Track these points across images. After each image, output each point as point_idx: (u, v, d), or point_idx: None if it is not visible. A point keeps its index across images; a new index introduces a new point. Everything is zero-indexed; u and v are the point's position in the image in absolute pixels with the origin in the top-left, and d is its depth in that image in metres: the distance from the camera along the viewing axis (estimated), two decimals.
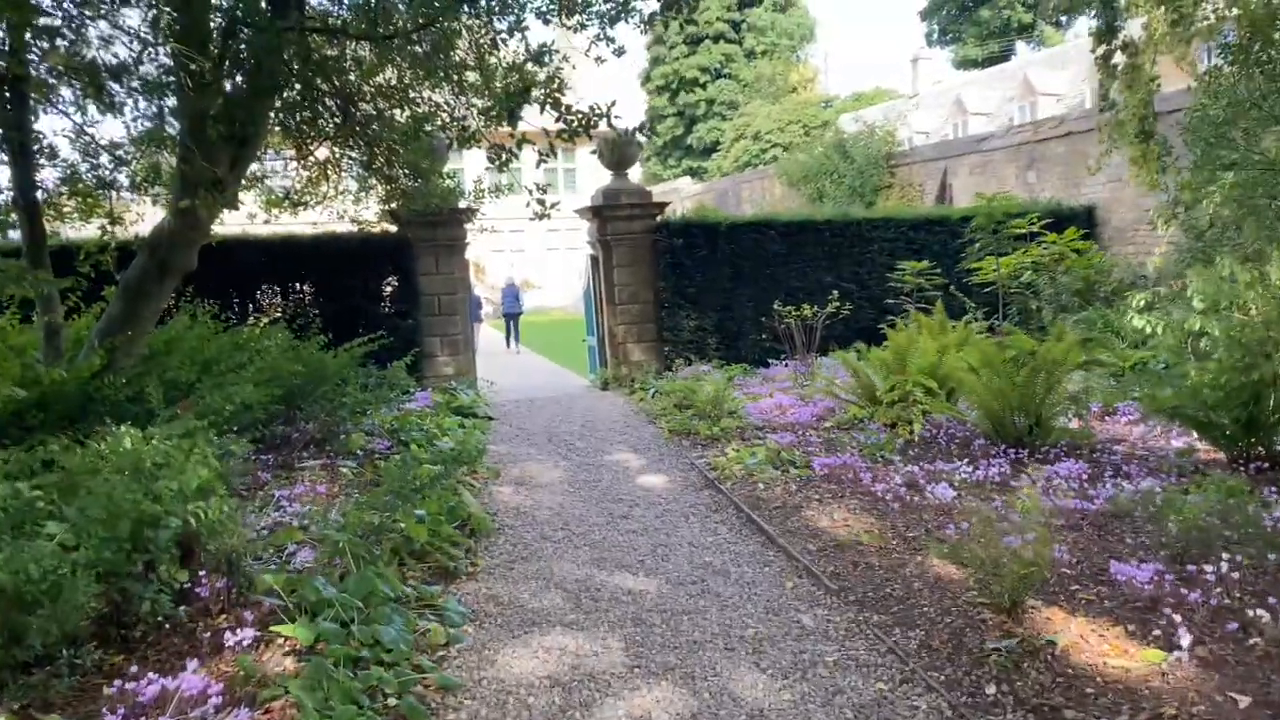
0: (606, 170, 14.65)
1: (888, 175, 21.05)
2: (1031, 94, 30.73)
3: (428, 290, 13.45)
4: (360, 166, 12.46)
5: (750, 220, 14.45)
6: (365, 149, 12.12)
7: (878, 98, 47.68)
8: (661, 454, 8.75)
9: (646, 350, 14.22)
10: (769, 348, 14.43)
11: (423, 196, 12.30)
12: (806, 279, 14.56)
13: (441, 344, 13.63)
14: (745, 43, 62.00)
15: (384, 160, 12.34)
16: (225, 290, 12.61)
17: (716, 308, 14.25)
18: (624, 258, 14.09)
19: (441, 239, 13.47)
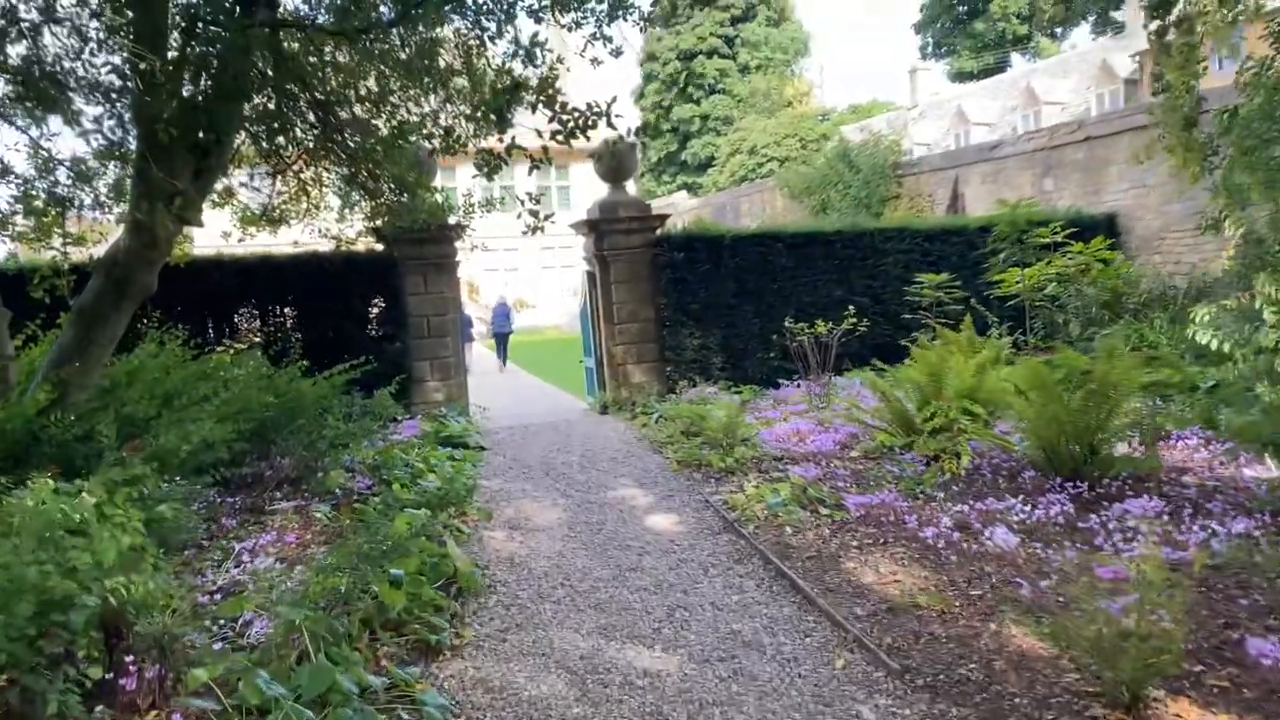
0: (603, 183, 13.89)
1: (895, 185, 20.32)
2: (1035, 103, 30.09)
3: (416, 311, 12.63)
4: (342, 180, 11.72)
5: (756, 233, 13.67)
6: (346, 161, 11.37)
7: (875, 110, 47.12)
8: (671, 489, 7.91)
9: (648, 371, 13.40)
10: (777, 367, 13.62)
11: (409, 212, 11.51)
12: (816, 294, 13.76)
13: (431, 368, 12.79)
14: (739, 57, 61.53)
15: (367, 174, 11.58)
16: (198, 314, 11.77)
17: (721, 325, 13.44)
18: (622, 274, 13.29)
19: (430, 257, 12.67)
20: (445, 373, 12.85)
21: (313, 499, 7.83)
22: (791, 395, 12.24)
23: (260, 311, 12.31)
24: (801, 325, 11.70)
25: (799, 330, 11.81)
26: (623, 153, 13.39)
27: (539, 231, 7.72)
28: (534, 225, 7.62)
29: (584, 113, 6.53)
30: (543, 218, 7.60)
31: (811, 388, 11.88)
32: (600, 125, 6.65)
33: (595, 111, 6.52)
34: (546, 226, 7.84)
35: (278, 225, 11.89)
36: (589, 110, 6.52)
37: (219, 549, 6.42)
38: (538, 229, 7.65)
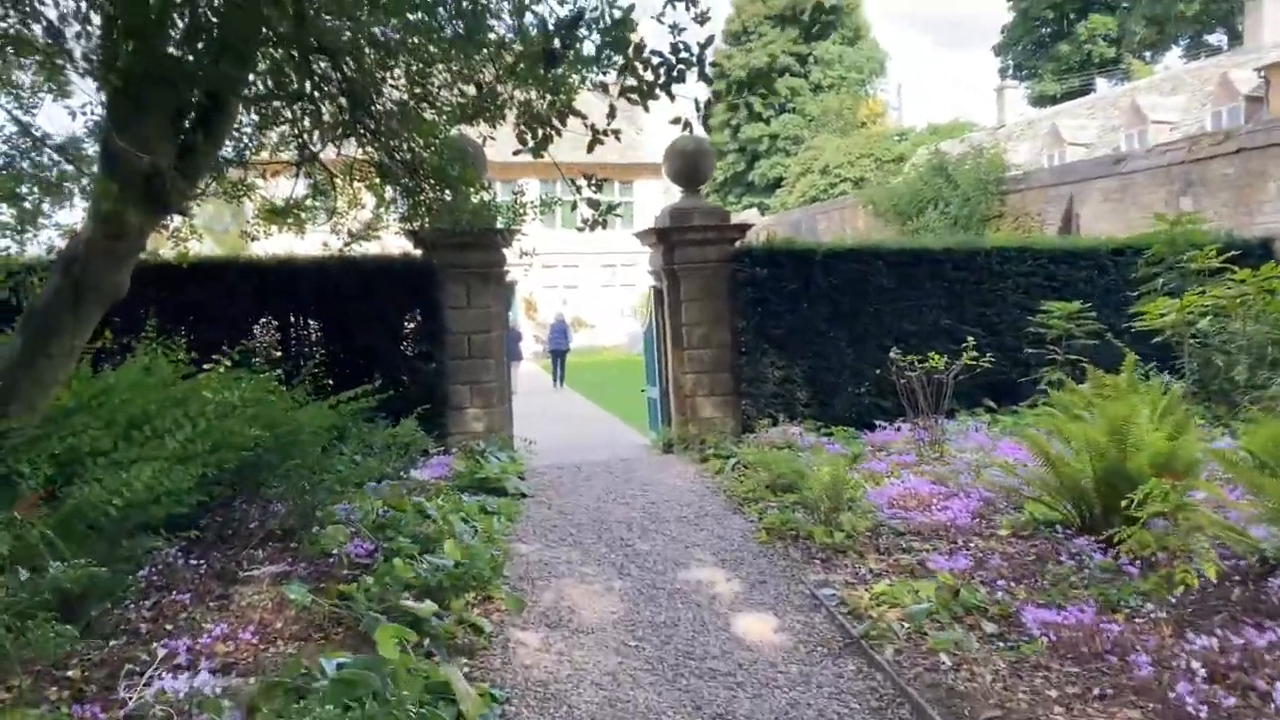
0: (675, 188, 12.13)
1: (998, 203, 18.24)
2: (1141, 121, 27.68)
3: (456, 327, 10.94)
4: (375, 173, 10.12)
5: (852, 248, 11.75)
6: (379, 149, 9.77)
7: (956, 130, 44.80)
8: (762, 571, 6.02)
9: (720, 405, 11.53)
10: (871, 405, 11.67)
11: (450, 212, 9.85)
12: (920, 321, 11.79)
13: (471, 393, 11.08)
14: (811, 76, 59.66)
15: (402, 165, 9.95)
16: (207, 325, 10.20)
17: (808, 354, 11.53)
18: (694, 291, 11.47)
19: (474, 265, 10.98)
20: (487, 399, 11.12)
21: (298, 563, 6.11)
22: (893, 441, 10.27)
23: (281, 323, 10.71)
24: (912, 358, 9.74)
25: (907, 363, 9.85)
26: (696, 153, 11.62)
27: (600, 226, 5.95)
28: (593, 219, 5.85)
29: (666, 58, 4.71)
30: (603, 211, 5.81)
31: (920, 434, 9.91)
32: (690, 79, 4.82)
33: (683, 58, 4.69)
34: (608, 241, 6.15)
35: (303, 225, 10.36)
36: (674, 54, 4.69)
37: (143, 655, 4.67)
38: (598, 223, 5.89)
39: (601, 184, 5.91)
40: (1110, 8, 60.42)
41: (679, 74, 4.68)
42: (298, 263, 10.53)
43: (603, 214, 5.79)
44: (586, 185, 5.83)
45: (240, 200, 9.99)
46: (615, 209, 5.90)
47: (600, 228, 5.96)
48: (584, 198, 5.80)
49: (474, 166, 10.38)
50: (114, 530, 5.15)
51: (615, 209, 5.90)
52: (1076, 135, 30.41)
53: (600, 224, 5.87)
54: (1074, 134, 30.62)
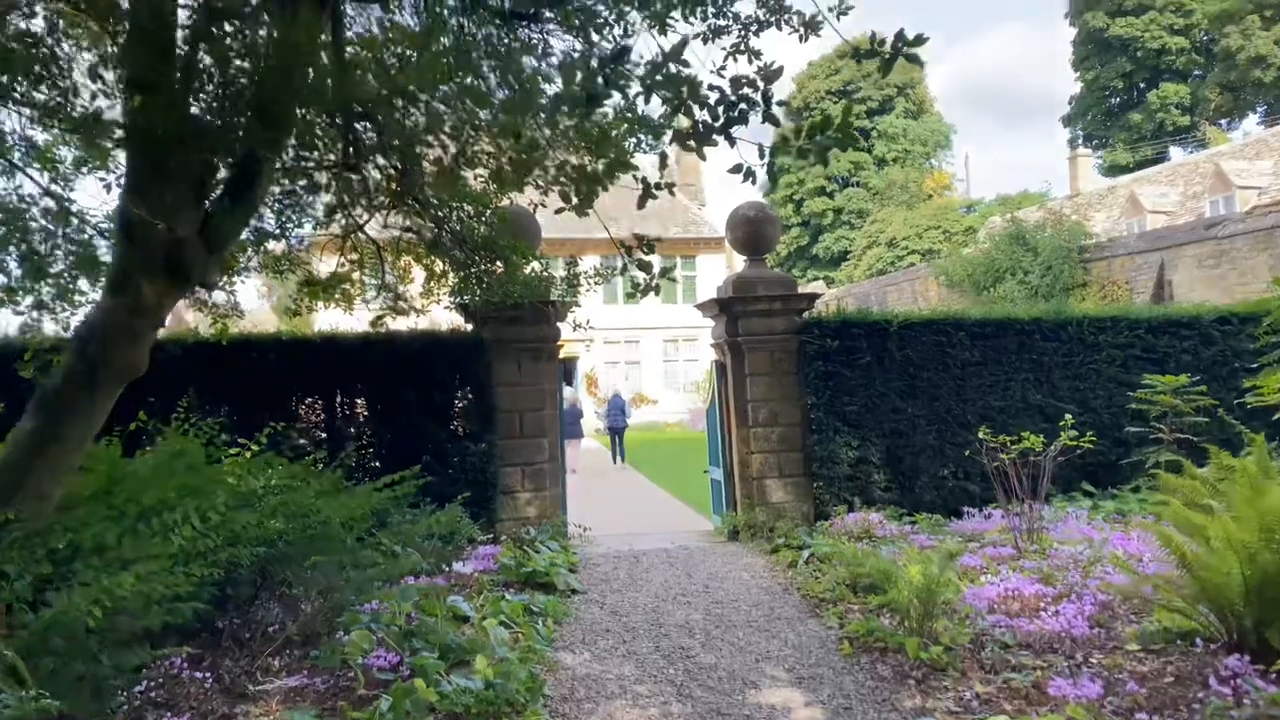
0: (738, 257, 11.51)
1: (1081, 271, 17.24)
2: (1226, 186, 26.46)
3: (506, 405, 10.31)
4: (423, 245, 9.67)
5: (930, 318, 10.92)
6: (428, 220, 9.34)
7: (1026, 201, 43.76)
8: (847, 694, 5.13)
9: (791, 489, 10.67)
10: (956, 489, 10.69)
11: (500, 285, 9.36)
12: (1007, 396, 10.85)
13: (523, 476, 10.39)
14: (875, 150, 59.33)
15: (451, 236, 9.50)
16: (248, 405, 9.74)
17: (884, 433, 10.65)
18: (760, 364, 10.72)
19: (526, 339, 10.39)
20: (539, 482, 10.42)
21: (314, 677, 5.39)
22: (985, 530, 9.29)
23: (325, 402, 10.20)
24: (1004, 438, 8.81)
25: (998, 443, 8.91)
26: (760, 219, 10.99)
27: (652, 292, 5.31)
28: (645, 284, 5.20)
29: (726, 95, 4.06)
30: (656, 275, 5.16)
31: (1013, 521, 8.92)
32: (754, 120, 4.17)
33: (744, 95, 4.04)
34: (670, 315, 5.50)
35: (351, 300, 9.94)
36: (735, 92, 4.04)
37: None
38: (649, 288, 5.24)
39: (653, 245, 5.25)
40: (1182, 75, 59.39)
41: (740, 114, 4.03)
42: (342, 340, 10.05)
43: (654, 279, 5.16)
44: (638, 247, 5.16)
45: (284, 275, 9.62)
46: (669, 272, 5.28)
47: (654, 294, 5.34)
48: (634, 259, 5.13)
49: (525, 236, 9.89)
50: (100, 642, 4.51)
51: (669, 272, 5.28)
52: (1157, 203, 29.24)
53: (653, 289, 5.23)
54: (1154, 201, 29.45)
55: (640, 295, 5.52)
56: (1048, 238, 17.96)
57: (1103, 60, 60.42)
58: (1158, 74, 59.43)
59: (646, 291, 5.41)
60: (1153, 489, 10.43)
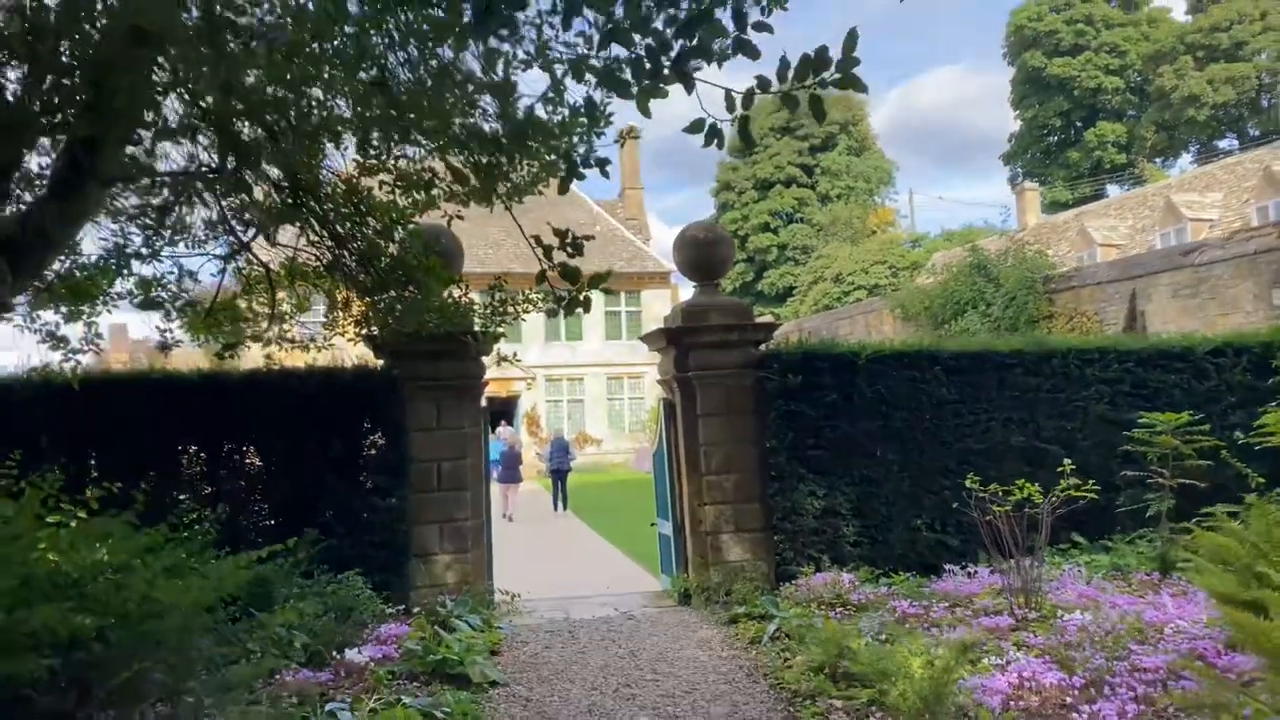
0: (685, 292, 10.30)
1: (1046, 303, 16.37)
2: (1178, 219, 26.07)
3: (421, 453, 8.91)
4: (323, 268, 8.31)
5: (902, 350, 9.78)
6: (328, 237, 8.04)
7: (972, 236, 43.51)
8: None
9: (749, 545, 9.39)
10: (935, 543, 9.51)
11: (413, 313, 8.02)
12: (988, 438, 9.72)
13: (441, 536, 8.97)
14: (819, 186, 59.09)
15: (356, 259, 8.18)
16: (115, 457, 8.23)
17: (854, 480, 9.44)
18: (714, 403, 9.48)
19: (445, 377, 9.03)
20: (460, 543, 9.00)
21: None
22: (972, 593, 8.09)
23: (209, 452, 8.69)
24: (995, 486, 7.63)
25: (988, 493, 7.72)
26: (711, 240, 9.80)
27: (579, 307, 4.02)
28: (570, 297, 3.92)
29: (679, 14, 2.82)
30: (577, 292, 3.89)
31: (1006, 581, 7.73)
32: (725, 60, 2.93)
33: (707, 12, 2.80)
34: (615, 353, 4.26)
35: (237, 342, 8.51)
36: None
37: None
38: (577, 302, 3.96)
39: (579, 245, 3.98)
40: (1118, 114, 60.31)
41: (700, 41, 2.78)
42: (226, 378, 8.59)
43: (582, 290, 3.86)
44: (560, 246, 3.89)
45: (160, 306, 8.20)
46: (601, 281, 3.98)
47: (581, 310, 4.04)
48: (556, 264, 3.86)
49: (444, 258, 8.58)
50: None
51: (601, 281, 3.98)
52: (1107, 236, 28.84)
53: (580, 304, 3.93)
54: (1104, 235, 29.06)
55: (565, 312, 4.27)
56: (1010, 268, 17.13)
57: (1041, 99, 61.21)
58: (1095, 113, 60.37)
59: (572, 308, 4.16)
60: (1152, 542, 9.41)
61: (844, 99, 61.00)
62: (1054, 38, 57.93)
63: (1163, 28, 57.61)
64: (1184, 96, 52.64)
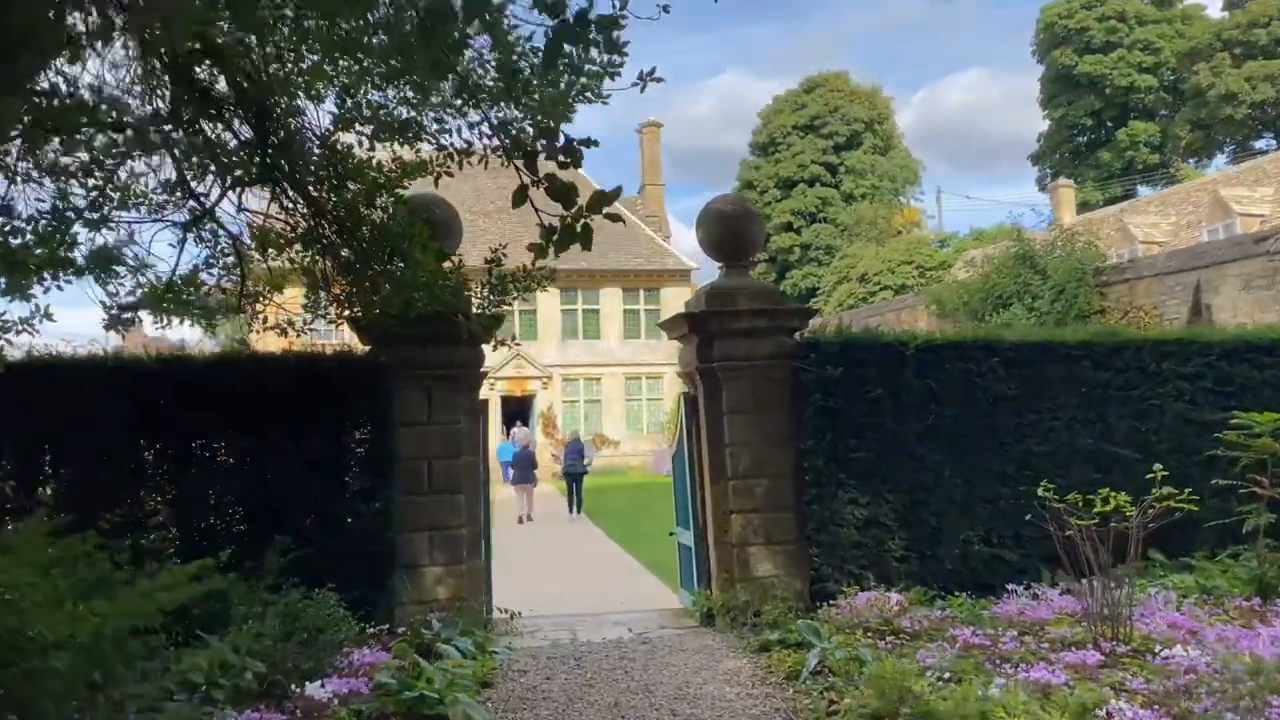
0: (714, 263, 9.24)
1: (1097, 296, 15.17)
2: (1226, 214, 24.72)
3: (410, 451, 7.86)
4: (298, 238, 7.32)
5: (956, 340, 8.67)
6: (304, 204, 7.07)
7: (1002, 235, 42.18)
8: None
9: (781, 559, 8.30)
10: (991, 558, 8.39)
11: (400, 290, 6.99)
12: (1052, 439, 8.59)
13: (431, 545, 7.92)
14: (843, 186, 57.82)
15: (336, 228, 7.20)
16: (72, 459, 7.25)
17: (901, 487, 8.33)
18: (741, 398, 8.40)
19: (436, 365, 7.98)
20: (453, 553, 7.94)
21: None
22: (1042, 618, 6.96)
23: (174, 449, 7.67)
24: (1075, 496, 6.50)
25: (1059, 503, 6.59)
26: (738, 215, 8.72)
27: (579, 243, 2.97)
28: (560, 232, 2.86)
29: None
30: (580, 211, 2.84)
31: (1084, 605, 6.60)
32: None
33: None
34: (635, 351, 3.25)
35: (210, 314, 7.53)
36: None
37: None
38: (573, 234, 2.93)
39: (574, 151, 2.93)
40: (1151, 114, 58.70)
41: None
42: (189, 365, 7.59)
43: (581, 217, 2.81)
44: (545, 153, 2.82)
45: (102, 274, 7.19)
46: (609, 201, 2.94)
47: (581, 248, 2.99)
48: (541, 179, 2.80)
49: (439, 232, 7.57)
50: None
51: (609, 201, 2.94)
52: (1148, 233, 27.53)
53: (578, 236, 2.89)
54: (1145, 232, 27.75)
55: (556, 248, 3.22)
56: (1058, 259, 15.94)
57: (1071, 98, 59.61)
58: (1127, 112, 58.72)
59: (566, 243, 3.08)
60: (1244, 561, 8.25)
61: (870, 95, 60.08)
62: (1085, 35, 56.39)
63: (1197, 24, 56.00)
64: (1220, 94, 51.02)
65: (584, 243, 3.16)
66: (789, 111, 59.38)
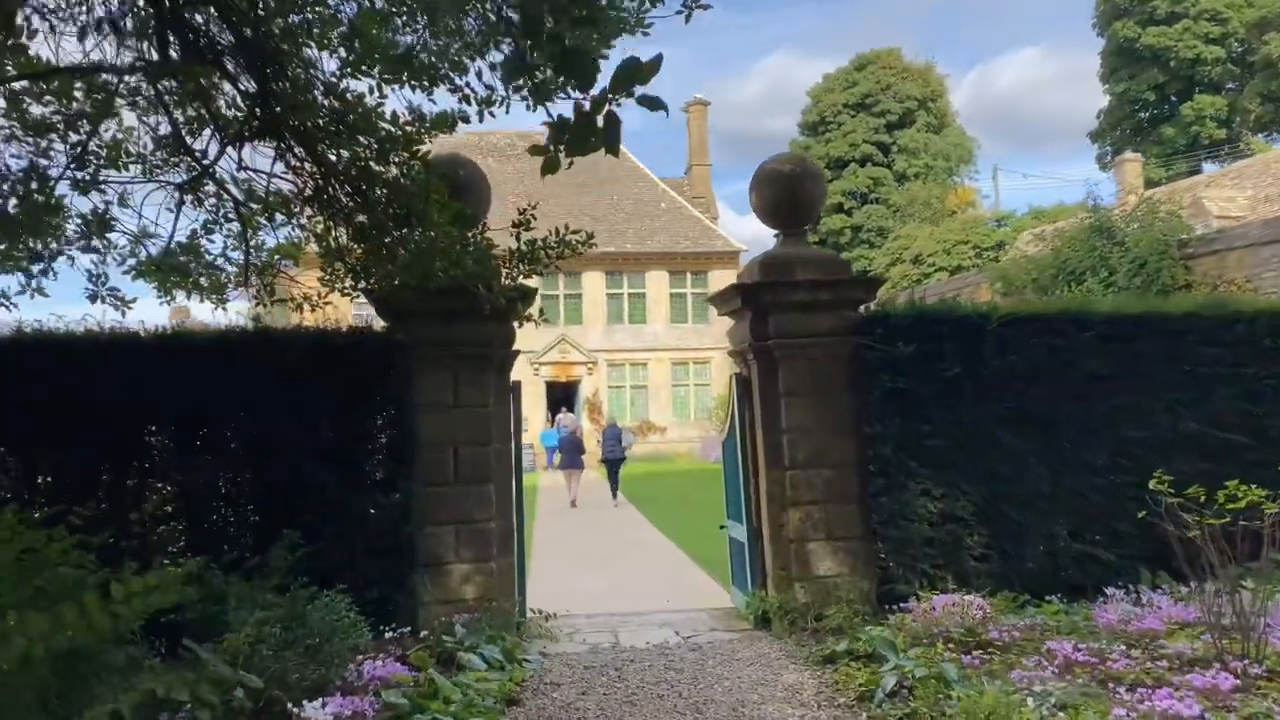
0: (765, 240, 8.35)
1: (1182, 270, 14.03)
2: None
3: (433, 437, 7.13)
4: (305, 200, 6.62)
5: (1041, 312, 7.73)
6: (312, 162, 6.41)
7: (1062, 214, 40.53)
8: None
9: (845, 557, 7.45)
10: (1082, 556, 7.46)
11: (419, 259, 6.27)
12: (1151, 424, 7.62)
13: (458, 541, 7.19)
14: (895, 165, 56.25)
15: (349, 190, 6.52)
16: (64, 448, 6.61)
17: (980, 476, 7.42)
18: (801, 379, 7.55)
19: (462, 343, 7.23)
20: (481, 549, 7.20)
21: None
22: (1149, 627, 6.03)
23: (172, 437, 7.01)
24: (1197, 488, 5.57)
25: (1175, 497, 5.66)
26: (796, 175, 7.84)
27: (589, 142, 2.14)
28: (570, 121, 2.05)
29: None
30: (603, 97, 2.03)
31: (1201, 614, 5.68)
32: None
33: None
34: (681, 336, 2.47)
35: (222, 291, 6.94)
36: None
37: None
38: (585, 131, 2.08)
39: None
40: (1217, 87, 56.26)
41: None
42: (190, 339, 6.90)
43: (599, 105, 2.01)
44: None
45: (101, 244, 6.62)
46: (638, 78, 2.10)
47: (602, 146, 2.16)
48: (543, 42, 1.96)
49: (467, 196, 6.85)
50: None
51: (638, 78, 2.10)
52: (1225, 207, 25.97)
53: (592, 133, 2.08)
54: (1221, 206, 26.19)
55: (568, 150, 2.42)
56: (1138, 230, 14.78)
57: (1133, 72, 57.27)
58: (1192, 85, 56.27)
59: (580, 142, 2.19)
60: None
61: (923, 72, 58.35)
62: (1148, 6, 54.09)
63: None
64: None
65: (608, 144, 2.35)
66: (840, 90, 57.86)
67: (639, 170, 39.09)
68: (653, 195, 37.97)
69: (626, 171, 38.49)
